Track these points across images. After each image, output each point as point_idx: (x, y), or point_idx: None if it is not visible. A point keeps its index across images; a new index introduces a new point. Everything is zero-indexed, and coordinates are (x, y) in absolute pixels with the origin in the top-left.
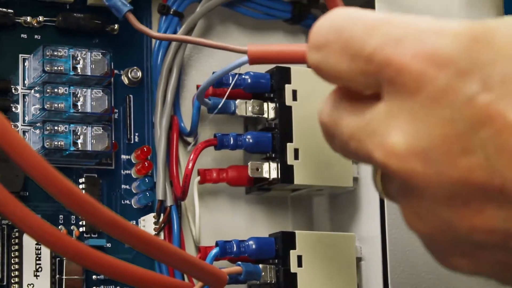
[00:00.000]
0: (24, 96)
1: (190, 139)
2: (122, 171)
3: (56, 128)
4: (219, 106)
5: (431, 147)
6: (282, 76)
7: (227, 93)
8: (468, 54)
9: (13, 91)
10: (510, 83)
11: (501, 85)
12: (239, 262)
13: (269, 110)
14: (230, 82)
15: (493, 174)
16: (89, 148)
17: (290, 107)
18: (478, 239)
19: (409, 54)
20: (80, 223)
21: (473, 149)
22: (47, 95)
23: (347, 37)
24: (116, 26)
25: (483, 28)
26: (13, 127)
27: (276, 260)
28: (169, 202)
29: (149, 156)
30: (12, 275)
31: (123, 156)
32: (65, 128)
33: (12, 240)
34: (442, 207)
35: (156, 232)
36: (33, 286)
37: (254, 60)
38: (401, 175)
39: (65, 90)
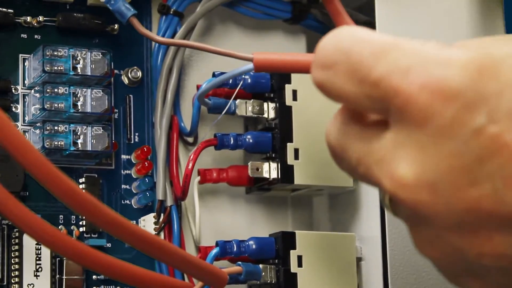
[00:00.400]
0: (24, 96)
1: (190, 139)
2: (122, 171)
3: (56, 128)
4: (224, 109)
5: (439, 179)
6: (282, 76)
7: (234, 95)
8: (475, 86)
9: (13, 91)
10: None
11: (508, 117)
12: (239, 262)
13: (269, 110)
14: (230, 81)
15: (501, 204)
16: (89, 148)
17: (290, 107)
18: (487, 263)
19: (417, 85)
20: (80, 223)
21: (481, 180)
22: (47, 95)
23: (355, 61)
24: (116, 26)
25: (489, 59)
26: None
27: (276, 260)
28: (169, 202)
29: (149, 156)
30: (12, 275)
31: (123, 156)
32: (65, 128)
33: (12, 240)
34: (451, 234)
35: (156, 232)
36: (33, 286)
37: (260, 68)
38: (409, 205)
39: (65, 90)
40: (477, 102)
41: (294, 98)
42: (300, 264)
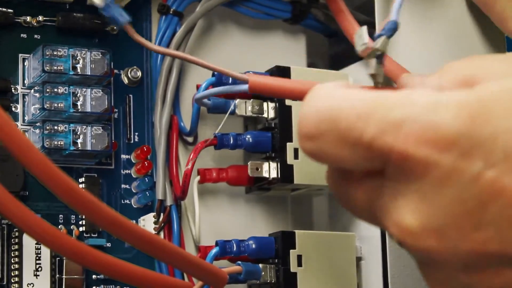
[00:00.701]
0: (24, 95)
1: (189, 139)
2: (122, 170)
3: (56, 127)
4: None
5: (444, 225)
6: (282, 76)
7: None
8: (469, 133)
9: (13, 90)
10: None
11: (504, 160)
12: (239, 262)
13: (269, 109)
14: (230, 82)
15: (506, 244)
16: (89, 147)
17: (290, 107)
18: None
19: (411, 141)
20: (80, 222)
21: (485, 224)
22: (47, 94)
23: (343, 127)
24: (116, 26)
25: (480, 102)
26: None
27: (276, 260)
28: (169, 201)
29: (149, 156)
30: (12, 274)
31: (123, 156)
32: (65, 127)
33: (12, 240)
34: (461, 274)
35: (156, 232)
36: (33, 286)
37: (254, 90)
38: (417, 251)
39: (65, 89)
40: (472, 148)
41: None
42: (300, 264)
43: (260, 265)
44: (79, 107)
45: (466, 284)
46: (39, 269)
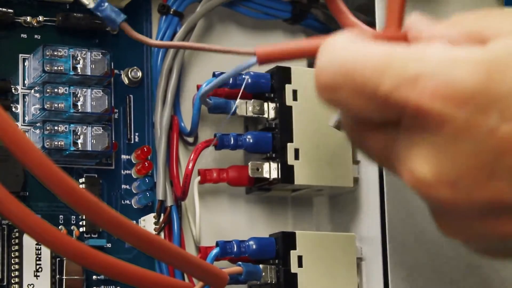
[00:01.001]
0: (24, 96)
1: (190, 139)
2: (122, 171)
3: (56, 128)
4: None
5: (459, 177)
6: (282, 76)
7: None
8: (485, 88)
9: (13, 91)
10: None
11: None
12: (240, 262)
13: (270, 110)
14: (231, 82)
15: None
16: (89, 148)
17: (290, 107)
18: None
19: (427, 95)
20: (80, 223)
21: (499, 175)
22: (47, 95)
23: (359, 81)
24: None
25: (496, 59)
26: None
27: (277, 261)
28: (169, 202)
29: (149, 156)
30: (12, 275)
31: (123, 156)
32: (65, 128)
33: (13, 240)
34: (474, 222)
35: (156, 232)
36: (33, 286)
37: (263, 60)
38: (431, 200)
39: (65, 90)
40: (488, 104)
41: (294, 98)
42: (300, 264)
43: (261, 266)
44: (79, 108)
45: (480, 230)
46: (39, 269)
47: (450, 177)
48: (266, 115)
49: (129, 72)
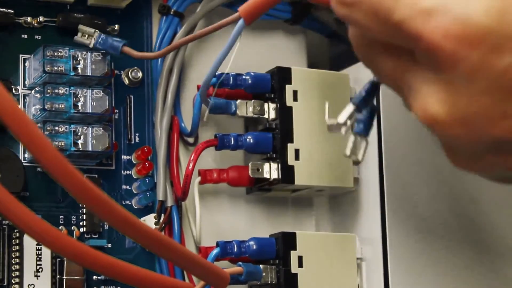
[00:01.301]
0: (24, 96)
1: (190, 139)
2: (122, 171)
3: (56, 128)
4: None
5: (472, 114)
6: (282, 76)
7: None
8: (499, 28)
9: (14, 91)
10: None
11: None
12: (240, 263)
13: (270, 110)
14: (231, 82)
15: None
16: (89, 148)
17: (290, 108)
18: None
19: (440, 31)
20: (81, 223)
21: (511, 113)
22: (48, 95)
23: (375, 1)
24: (116, 27)
25: None
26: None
27: (277, 261)
28: (169, 202)
29: (149, 157)
30: (13, 275)
31: (124, 157)
32: (66, 128)
33: (13, 241)
34: (486, 155)
35: None
36: (33, 287)
37: (249, 17)
38: (443, 138)
39: (66, 90)
40: (502, 43)
41: (295, 98)
42: (300, 265)
43: (261, 266)
44: (79, 108)
45: (490, 163)
46: (40, 269)
47: (464, 116)
48: (266, 116)
49: (129, 73)
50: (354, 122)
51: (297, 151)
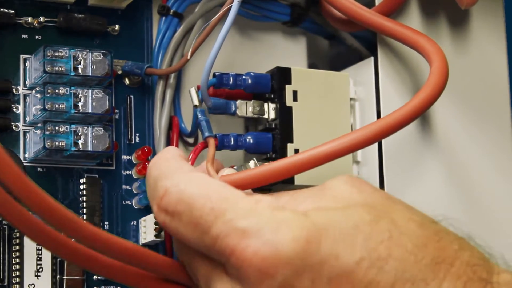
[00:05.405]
0: (25, 96)
1: (190, 140)
2: (123, 171)
3: (57, 128)
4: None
5: None
6: (282, 76)
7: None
8: (302, 255)
9: (14, 91)
10: (335, 281)
11: (328, 283)
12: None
13: (270, 110)
14: (231, 82)
15: None
16: (90, 148)
17: (290, 108)
18: None
19: (251, 251)
20: None
21: None
22: (48, 95)
23: (196, 215)
24: (117, 27)
25: (315, 230)
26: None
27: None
28: None
29: (149, 157)
30: (13, 275)
31: (124, 157)
32: (66, 128)
33: (13, 241)
34: None
35: (157, 233)
36: (34, 286)
37: None
38: None
39: (66, 90)
40: (303, 270)
41: (295, 98)
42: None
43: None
44: (80, 108)
45: None
46: (40, 269)
47: None
48: (266, 116)
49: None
50: None
51: (297, 151)
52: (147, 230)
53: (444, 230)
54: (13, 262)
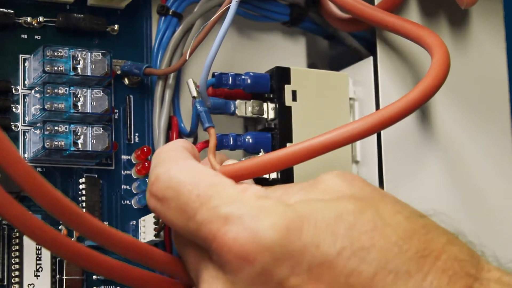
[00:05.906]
0: (24, 96)
1: (189, 140)
2: (122, 171)
3: (56, 128)
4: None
5: None
6: (281, 76)
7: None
8: (282, 242)
9: (14, 91)
10: (315, 270)
11: (308, 271)
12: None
13: (269, 110)
14: (230, 82)
15: None
16: (89, 148)
17: (289, 108)
18: None
19: (232, 236)
20: None
21: None
22: (48, 95)
23: (183, 201)
24: (116, 27)
25: (297, 217)
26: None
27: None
28: None
29: (149, 157)
30: (13, 275)
31: (123, 156)
32: (66, 128)
33: (13, 240)
34: None
35: (156, 232)
36: (33, 286)
37: None
38: None
39: (65, 90)
40: (282, 256)
41: (294, 98)
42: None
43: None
44: (79, 108)
45: None
46: (40, 269)
47: None
48: (265, 116)
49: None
50: None
51: None
52: (146, 230)
53: (432, 224)
54: (13, 261)
